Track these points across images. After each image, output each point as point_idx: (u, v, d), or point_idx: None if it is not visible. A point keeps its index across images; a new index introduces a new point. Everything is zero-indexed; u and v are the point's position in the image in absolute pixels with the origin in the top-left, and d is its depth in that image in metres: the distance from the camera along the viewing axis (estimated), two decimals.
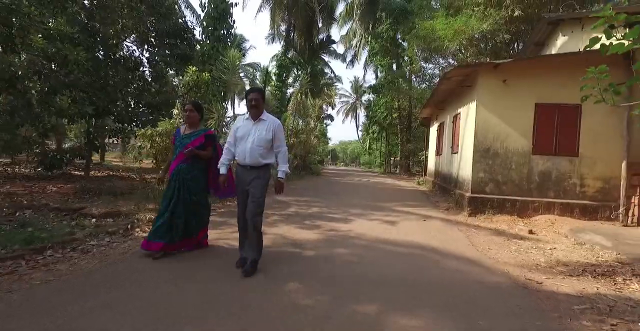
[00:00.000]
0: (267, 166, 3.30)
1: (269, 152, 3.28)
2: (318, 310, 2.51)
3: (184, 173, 3.63)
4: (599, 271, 3.68)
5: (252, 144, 3.19)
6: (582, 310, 2.75)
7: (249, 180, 3.22)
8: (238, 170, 3.32)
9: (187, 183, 3.62)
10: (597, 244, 4.68)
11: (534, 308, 2.74)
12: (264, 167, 3.28)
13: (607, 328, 2.44)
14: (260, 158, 3.22)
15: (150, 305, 2.49)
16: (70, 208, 5.65)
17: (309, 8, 17.27)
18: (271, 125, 3.27)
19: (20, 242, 3.73)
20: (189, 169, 3.65)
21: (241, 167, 3.29)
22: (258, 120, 3.28)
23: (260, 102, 3.28)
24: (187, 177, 3.62)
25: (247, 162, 3.22)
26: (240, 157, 3.26)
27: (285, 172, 3.37)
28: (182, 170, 3.63)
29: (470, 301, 2.79)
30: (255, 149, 3.20)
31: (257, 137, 3.21)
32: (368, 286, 3.01)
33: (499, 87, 6.49)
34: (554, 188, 6.40)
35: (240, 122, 3.40)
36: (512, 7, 14.76)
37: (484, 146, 6.67)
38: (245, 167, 3.25)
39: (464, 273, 3.51)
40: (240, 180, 3.30)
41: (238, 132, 3.30)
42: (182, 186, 3.61)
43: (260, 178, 3.24)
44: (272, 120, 3.34)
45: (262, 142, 3.21)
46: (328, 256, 3.87)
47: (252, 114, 3.29)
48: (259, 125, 3.26)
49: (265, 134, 3.23)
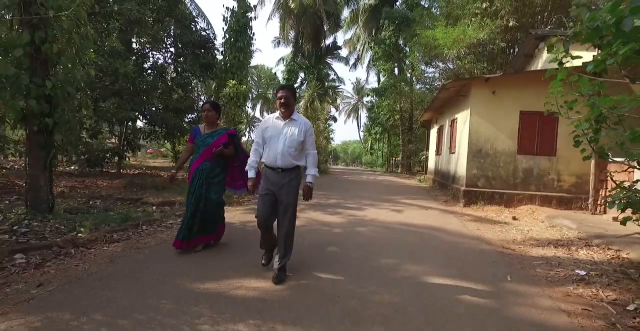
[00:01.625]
0: (298, 168, 3.08)
1: (300, 154, 3.07)
2: (355, 262, 3.66)
3: (207, 172, 3.66)
4: (560, 244, 4.83)
5: (284, 146, 2.98)
6: (539, 264, 3.90)
7: (280, 183, 3.00)
8: (267, 172, 3.08)
9: (209, 182, 3.66)
10: (565, 226, 5.82)
11: (505, 263, 3.89)
12: (296, 169, 3.07)
13: (552, 273, 3.59)
14: (293, 160, 3.02)
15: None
16: (132, 198, 6.80)
17: (317, 16, 18.40)
18: (303, 126, 3.06)
19: (117, 220, 4.87)
20: (212, 168, 3.68)
21: (270, 170, 3.05)
22: (289, 119, 3.05)
23: (291, 100, 3.06)
24: (210, 176, 3.66)
25: (278, 164, 2.99)
26: (270, 158, 3.02)
27: (315, 176, 3.13)
28: (206, 169, 3.65)
29: (460, 259, 3.94)
30: (286, 151, 2.98)
31: (288, 138, 2.99)
32: (387, 249, 4.16)
33: (489, 97, 7.65)
34: (535, 182, 7.57)
35: (269, 121, 3.13)
36: (507, 17, 15.90)
37: (477, 147, 7.83)
38: (275, 170, 3.02)
39: (457, 243, 4.66)
40: (269, 182, 3.05)
41: (267, 132, 3.07)
42: (204, 185, 3.64)
43: (292, 182, 3.04)
44: (303, 120, 3.12)
45: (294, 143, 3.00)
46: (353, 232, 5.02)
47: (282, 113, 3.06)
48: (290, 125, 3.04)
49: (297, 135, 3.01)
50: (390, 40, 21.51)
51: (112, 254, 3.61)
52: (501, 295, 2.94)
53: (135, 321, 2.22)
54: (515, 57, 11.96)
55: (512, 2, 15.76)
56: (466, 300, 2.81)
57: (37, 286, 2.72)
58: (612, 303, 2.85)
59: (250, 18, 11.89)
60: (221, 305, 2.51)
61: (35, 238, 4.04)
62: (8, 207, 5.36)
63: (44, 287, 2.70)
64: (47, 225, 4.53)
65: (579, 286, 3.25)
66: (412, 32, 18.74)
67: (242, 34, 11.81)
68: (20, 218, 4.61)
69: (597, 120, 3.19)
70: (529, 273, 3.59)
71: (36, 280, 2.87)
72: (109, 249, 3.78)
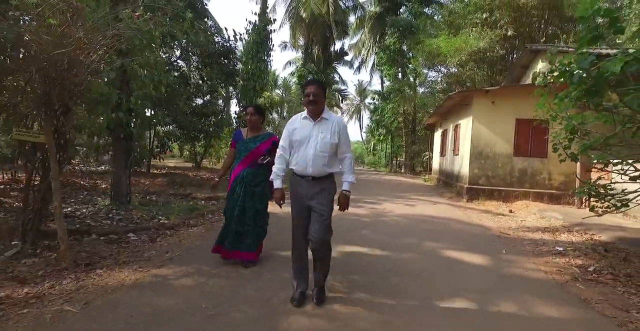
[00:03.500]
0: (332, 176, 2.70)
1: (333, 159, 2.65)
2: (386, 240, 4.73)
3: (249, 179, 3.41)
4: (547, 230, 5.91)
5: (315, 150, 2.56)
6: (528, 243, 4.98)
7: (311, 193, 2.60)
8: (295, 182, 2.68)
9: (252, 190, 3.42)
10: (553, 218, 6.90)
11: (502, 242, 4.98)
12: (329, 177, 2.68)
13: (538, 249, 4.67)
14: (326, 167, 2.61)
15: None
16: (182, 193, 7.87)
17: (326, 25, 19.49)
18: (336, 126, 2.63)
19: (185, 210, 5.95)
20: (254, 174, 3.43)
21: (300, 178, 2.65)
22: (319, 119, 2.62)
23: (321, 97, 2.61)
24: (252, 184, 3.42)
25: (308, 172, 2.58)
26: (300, 166, 2.61)
27: (352, 182, 2.70)
28: (247, 176, 3.42)
29: (466, 239, 5.02)
30: (318, 156, 2.56)
31: (320, 141, 2.57)
32: (408, 233, 5.25)
33: (489, 106, 8.74)
34: (529, 181, 8.66)
35: (296, 122, 2.69)
36: (505, 27, 17.00)
37: (478, 150, 8.91)
38: (305, 178, 2.62)
39: (463, 229, 5.74)
40: (298, 194, 2.64)
41: (295, 134, 2.64)
42: (246, 194, 3.40)
43: (326, 191, 2.64)
44: (335, 119, 2.69)
45: (327, 147, 2.57)
46: (378, 220, 6.10)
47: (311, 112, 2.63)
48: (320, 125, 2.62)
49: (330, 137, 2.59)
50: (394, 46, 22.57)
51: (198, 234, 4.69)
52: (498, 262, 4.03)
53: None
54: (513, 68, 13.04)
55: (510, 13, 16.84)
56: (473, 264, 3.90)
57: (166, 253, 3.80)
58: (579, 266, 3.93)
59: (271, 31, 12.97)
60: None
61: (130, 223, 5.12)
62: (87, 201, 6.44)
63: (171, 253, 3.78)
64: (131, 213, 5.62)
65: (557, 257, 4.32)
66: (416, 39, 19.80)
67: (262, 46, 12.87)
68: (108, 209, 5.70)
69: (570, 132, 4.26)
70: (519, 249, 4.67)
71: (161, 249, 3.95)
72: (194, 231, 4.86)
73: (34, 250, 3.69)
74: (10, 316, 2.32)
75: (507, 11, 16.78)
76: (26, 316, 2.32)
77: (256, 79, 12.75)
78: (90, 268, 3.30)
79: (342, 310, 2.60)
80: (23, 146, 3.59)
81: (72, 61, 3.28)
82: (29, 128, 3.49)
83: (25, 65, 3.10)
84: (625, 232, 5.44)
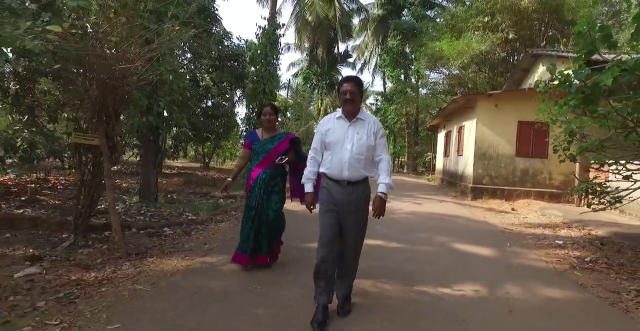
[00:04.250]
0: (367, 180, 2.57)
1: (369, 162, 2.53)
2: (399, 235, 5.14)
3: (268, 180, 3.34)
4: (548, 226, 6.31)
5: (351, 153, 2.43)
6: (530, 237, 5.38)
7: (346, 200, 2.46)
8: (329, 186, 2.51)
9: (271, 190, 3.36)
10: (553, 215, 7.30)
11: (505, 237, 5.38)
12: (364, 182, 2.54)
13: (539, 242, 5.08)
14: (362, 171, 2.48)
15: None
16: (201, 192, 8.29)
17: (331, 28, 19.91)
18: (372, 127, 2.50)
19: (210, 208, 6.35)
20: (272, 176, 3.37)
21: (333, 182, 2.50)
22: (355, 120, 2.49)
23: (358, 95, 2.49)
24: (271, 185, 3.35)
25: (344, 176, 2.45)
26: (335, 169, 2.47)
27: (390, 185, 2.51)
28: (266, 178, 3.34)
29: (473, 234, 5.43)
30: (355, 159, 2.44)
31: (356, 143, 2.45)
32: (419, 228, 5.65)
33: (492, 109, 9.14)
34: (530, 180, 9.06)
35: (329, 122, 2.56)
36: (507, 30, 17.40)
37: (482, 151, 9.32)
38: (339, 183, 2.47)
39: (469, 225, 6.15)
40: (332, 198, 2.48)
41: (328, 136, 2.51)
42: (265, 195, 3.33)
43: (362, 198, 2.51)
44: (372, 119, 2.56)
45: (363, 149, 2.45)
46: (389, 217, 6.43)
47: (346, 112, 2.49)
48: (356, 126, 2.49)
49: (367, 139, 2.46)
50: (397, 48, 22.97)
51: (227, 228, 5.10)
52: (503, 253, 4.44)
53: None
54: (514, 71, 13.44)
55: (511, 17, 17.24)
56: (480, 255, 4.31)
57: (204, 244, 4.21)
58: (577, 257, 4.33)
59: (280, 35, 13.37)
60: None
61: (162, 219, 5.53)
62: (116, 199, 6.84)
63: (209, 245, 4.19)
64: (160, 210, 6.03)
65: (557, 249, 4.73)
66: (419, 41, 20.20)
67: (271, 50, 13.26)
68: (139, 206, 6.11)
69: (569, 135, 4.66)
70: (522, 242, 5.08)
71: (198, 241, 4.36)
72: (222, 225, 5.27)
73: (86, 241, 4.10)
74: (92, 294, 2.73)
75: (508, 15, 17.17)
76: (106, 294, 2.73)
77: (265, 82, 13.12)
78: (141, 257, 3.71)
79: (370, 289, 3.02)
80: (78, 148, 3.99)
81: (124, 72, 3.70)
82: (85, 132, 3.90)
83: (87, 77, 3.51)
84: (620, 228, 5.85)
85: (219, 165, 19.99)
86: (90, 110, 3.81)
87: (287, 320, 2.46)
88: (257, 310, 2.58)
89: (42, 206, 5.87)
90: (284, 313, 2.55)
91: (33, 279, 3.01)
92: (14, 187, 6.98)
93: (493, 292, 3.13)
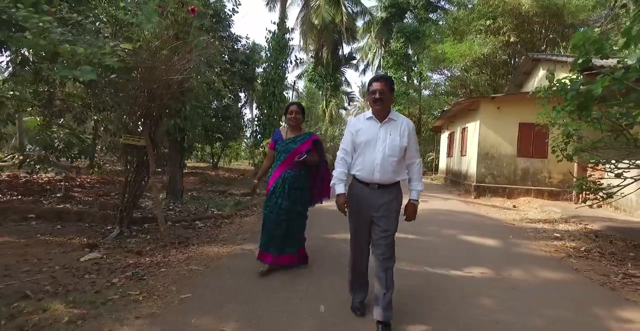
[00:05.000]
0: (398, 184, 2.52)
1: (401, 164, 2.47)
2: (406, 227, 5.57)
3: (290, 181, 3.30)
4: (547, 221, 6.76)
5: (384, 154, 2.38)
6: (530, 231, 5.84)
7: (377, 204, 2.42)
8: (358, 189, 2.49)
9: (293, 192, 3.31)
10: (552, 211, 7.75)
11: (508, 230, 5.84)
12: (396, 185, 2.50)
13: (538, 235, 5.53)
14: (394, 174, 2.43)
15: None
16: (219, 190, 8.75)
17: (336, 31, 20.38)
18: (405, 128, 2.44)
19: (232, 204, 6.81)
20: (295, 176, 3.33)
21: (363, 186, 2.46)
22: (387, 120, 2.43)
23: (388, 95, 2.40)
24: (294, 186, 3.31)
25: (375, 179, 2.40)
26: (366, 171, 2.42)
27: (421, 191, 2.54)
28: (289, 178, 3.31)
29: (478, 228, 5.88)
30: (387, 161, 2.38)
31: (389, 144, 2.39)
32: (428, 223, 6.11)
33: (494, 111, 9.60)
34: (531, 179, 9.52)
35: (359, 123, 2.50)
36: (508, 33, 17.86)
37: (485, 151, 9.77)
38: (370, 186, 2.43)
39: (474, 220, 6.61)
40: (363, 202, 2.45)
41: (359, 136, 2.45)
42: (288, 196, 3.29)
43: (393, 202, 2.46)
44: (404, 120, 2.49)
45: (396, 150, 2.39)
46: None
47: (377, 112, 2.43)
48: (388, 127, 2.43)
49: (400, 140, 2.40)
50: (401, 51, 23.43)
51: (253, 222, 5.56)
52: (506, 244, 4.89)
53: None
54: (515, 74, 13.87)
55: (512, 20, 17.68)
56: (485, 245, 4.77)
57: (236, 235, 4.67)
58: (572, 247, 4.79)
59: (289, 39, 13.85)
60: None
61: (190, 214, 5.99)
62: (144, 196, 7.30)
63: (242, 236, 4.65)
64: (187, 206, 6.49)
65: (555, 241, 5.18)
66: (422, 44, 20.65)
67: (281, 54, 13.75)
68: (167, 202, 6.57)
69: (567, 136, 5.11)
70: (523, 235, 5.54)
71: (230, 232, 4.82)
72: (247, 219, 5.73)
73: (130, 232, 4.56)
74: (155, 273, 3.20)
75: (509, 18, 17.60)
76: (168, 273, 3.19)
77: (275, 84, 13.59)
78: (184, 245, 4.17)
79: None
80: (125, 149, 4.45)
81: (169, 81, 4.17)
82: (133, 134, 4.36)
83: (140, 86, 3.98)
84: (614, 222, 6.30)
85: (226, 165, 20.50)
86: (138, 115, 4.28)
87: (324, 292, 2.93)
88: (297, 286, 3.04)
89: (77, 202, 6.33)
90: (321, 287, 3.01)
91: (97, 262, 3.48)
92: (46, 185, 7.46)
93: (498, 274, 3.59)
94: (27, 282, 2.89)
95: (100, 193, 7.29)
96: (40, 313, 2.34)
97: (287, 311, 2.58)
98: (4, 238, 4.11)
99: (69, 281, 2.95)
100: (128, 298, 2.65)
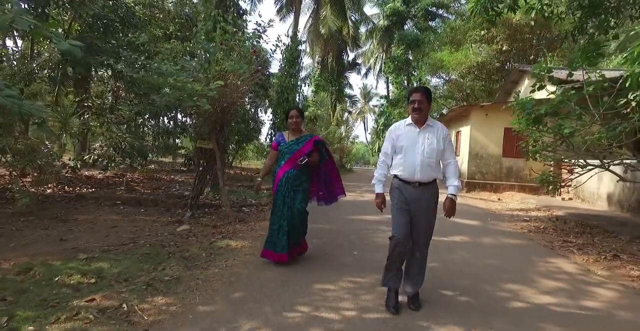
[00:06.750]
0: (435, 181, 2.79)
1: (438, 165, 2.78)
2: None
3: (293, 180, 3.56)
4: (523, 209, 8.25)
5: (423, 156, 2.67)
6: (507, 216, 7.33)
7: (419, 200, 2.72)
8: (401, 187, 2.77)
9: (295, 190, 3.57)
10: (529, 202, 9.24)
11: (489, 215, 7.33)
12: (434, 183, 2.78)
13: (512, 219, 7.01)
14: (432, 173, 2.72)
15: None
16: (247, 185, 10.21)
17: (342, 40, 21.87)
18: (441, 132, 2.75)
19: (266, 195, 8.26)
20: (297, 176, 3.58)
21: (405, 184, 2.75)
22: (424, 126, 2.74)
23: (426, 104, 2.70)
24: (295, 184, 3.57)
25: (416, 178, 2.69)
26: (408, 171, 2.71)
27: (459, 187, 2.79)
28: (291, 177, 3.56)
29: (466, 213, 7.35)
30: (426, 162, 2.67)
31: (427, 148, 2.68)
32: None
33: (483, 117, 11.08)
34: (514, 176, 11.01)
35: (399, 129, 2.81)
36: (501, 42, 19.34)
37: (475, 152, 11.26)
38: (411, 184, 2.72)
39: (463, 208, 8.04)
40: (404, 197, 2.75)
41: (399, 140, 2.76)
42: (290, 194, 3.55)
43: (432, 198, 2.76)
44: (440, 126, 2.80)
45: (434, 153, 2.69)
46: None
47: (416, 119, 2.72)
48: (426, 132, 2.73)
49: (437, 144, 2.70)
50: (402, 57, 24.92)
51: None
52: (484, 224, 6.38)
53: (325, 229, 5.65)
54: (505, 82, 15.36)
55: (505, 30, 19.16)
56: (468, 224, 6.25)
57: None
58: (534, 226, 6.25)
59: (301, 50, 15.29)
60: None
61: (234, 202, 7.45)
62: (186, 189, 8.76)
63: None
64: (228, 197, 7.95)
65: (523, 222, 6.66)
66: (422, 51, 22.11)
67: (293, 64, 15.20)
68: (212, 194, 8.04)
69: (534, 140, 6.58)
70: (500, 218, 7.02)
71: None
72: None
73: (199, 214, 6.03)
74: (237, 236, 4.67)
75: (502, 29, 19.08)
76: (245, 236, 4.67)
77: (289, 92, 15.05)
78: (244, 222, 5.64)
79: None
80: (199, 150, 5.92)
81: (233, 100, 5.64)
82: (204, 139, 5.84)
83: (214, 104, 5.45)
84: (576, 210, 7.79)
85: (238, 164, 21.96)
86: (210, 125, 5.77)
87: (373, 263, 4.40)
88: (347, 258, 4.52)
89: (139, 193, 7.79)
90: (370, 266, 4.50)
91: (190, 231, 4.94)
92: (106, 180, 8.93)
93: (473, 240, 5.08)
94: (155, 242, 4.34)
95: (153, 186, 8.75)
96: (186, 252, 3.82)
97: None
98: (112, 217, 5.58)
99: (180, 241, 4.41)
100: (230, 247, 4.13)
